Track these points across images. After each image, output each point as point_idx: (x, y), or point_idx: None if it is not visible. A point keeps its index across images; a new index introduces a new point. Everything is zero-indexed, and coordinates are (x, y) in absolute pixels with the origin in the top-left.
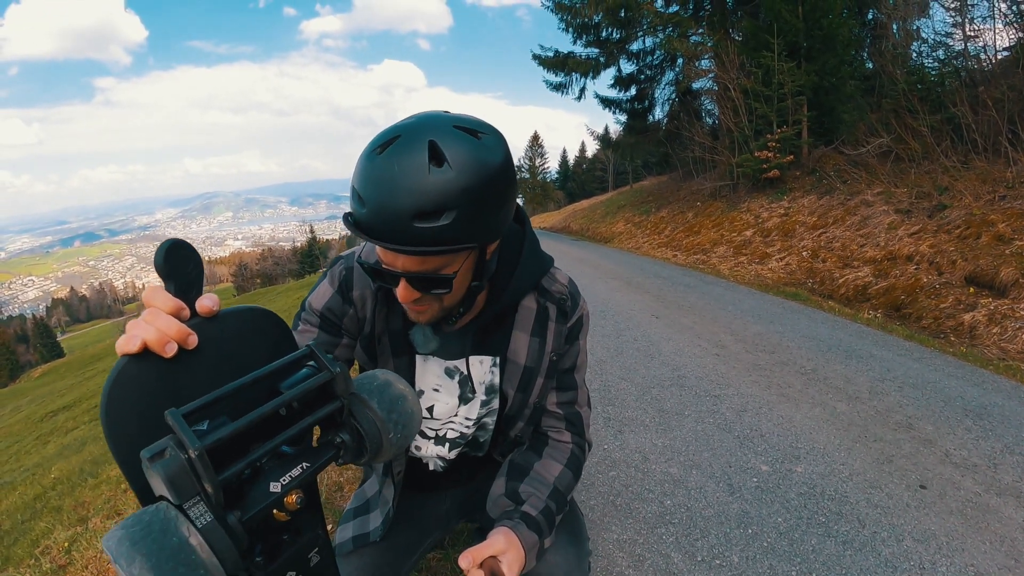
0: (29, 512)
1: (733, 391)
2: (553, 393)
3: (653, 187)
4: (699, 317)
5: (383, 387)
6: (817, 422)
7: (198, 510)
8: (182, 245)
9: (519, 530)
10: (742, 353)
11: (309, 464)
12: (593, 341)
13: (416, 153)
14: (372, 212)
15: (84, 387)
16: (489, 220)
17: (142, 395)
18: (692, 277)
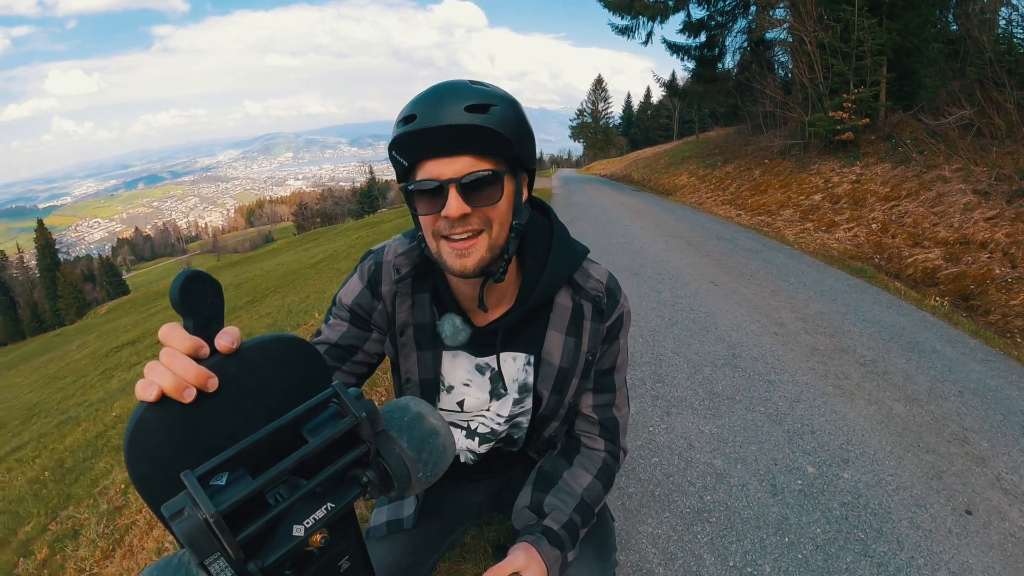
0: (91, 450)
1: (788, 378)
2: (589, 395)
3: (720, 139)
4: (759, 288)
5: (414, 422)
6: (871, 423)
7: (218, 566)
8: (199, 277)
9: (540, 545)
10: (801, 334)
11: (334, 505)
12: (648, 308)
13: (456, 82)
14: (423, 118)
15: (148, 323)
16: (524, 136)
17: (163, 442)
18: (755, 241)
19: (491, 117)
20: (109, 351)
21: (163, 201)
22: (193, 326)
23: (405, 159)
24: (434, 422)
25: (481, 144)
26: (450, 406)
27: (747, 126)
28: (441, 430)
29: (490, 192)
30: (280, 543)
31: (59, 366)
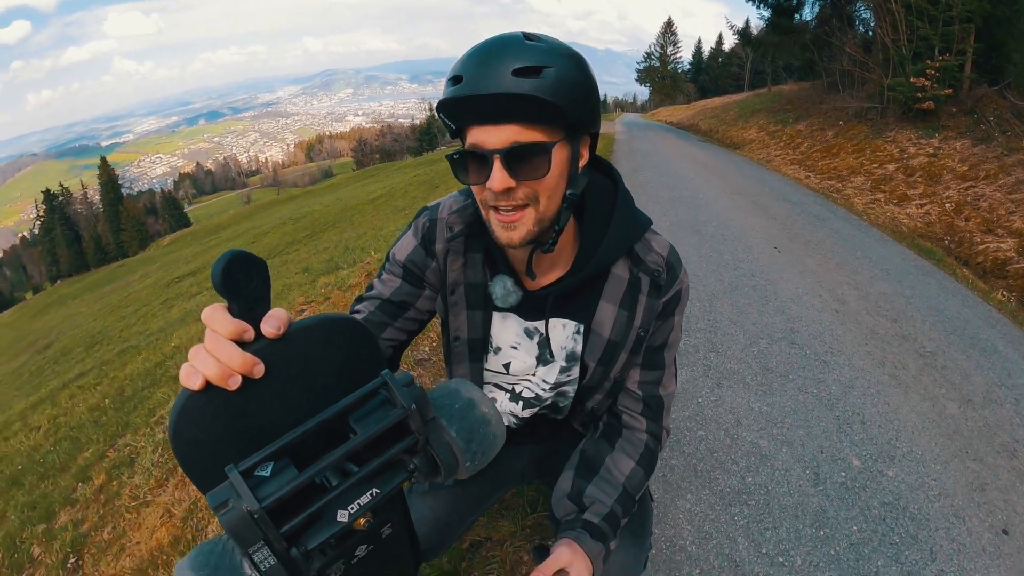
0: (149, 379)
1: (844, 360)
2: (637, 371)
3: (793, 94)
4: (824, 259)
5: (465, 410)
6: (923, 420)
7: (262, 554)
8: (243, 258)
9: (583, 541)
10: (863, 314)
11: (379, 491)
12: (708, 270)
13: (510, 35)
14: (469, 81)
15: (208, 254)
16: (583, 99)
17: (208, 428)
18: (823, 207)
19: (542, 82)
20: (170, 281)
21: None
22: (238, 309)
23: (452, 122)
24: (485, 410)
25: (529, 112)
26: (496, 367)
27: (822, 83)
28: (492, 419)
29: (537, 164)
30: (324, 528)
31: (121, 296)
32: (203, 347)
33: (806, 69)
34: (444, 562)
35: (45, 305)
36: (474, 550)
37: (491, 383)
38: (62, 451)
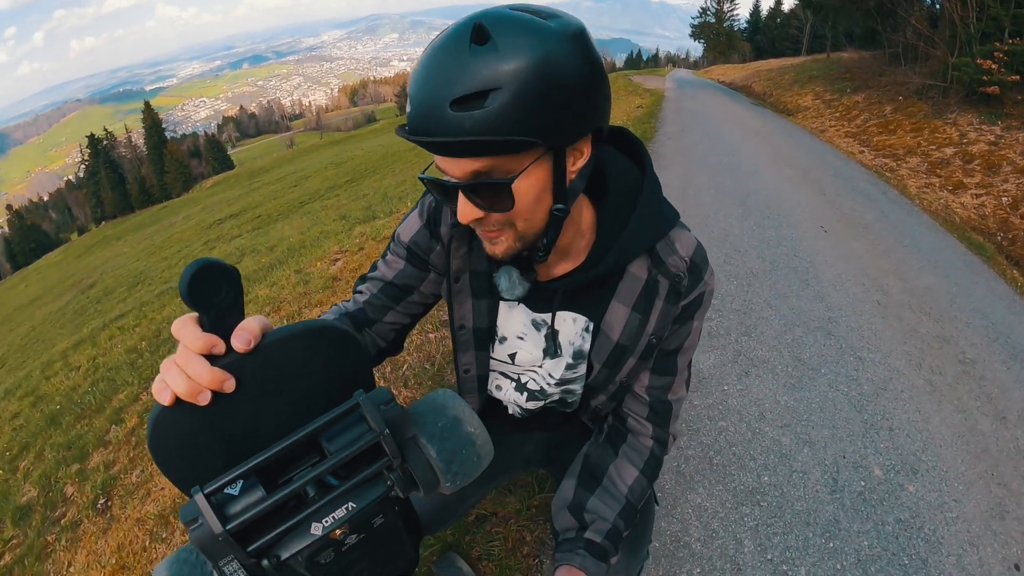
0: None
1: (880, 359)
2: (646, 374)
3: (852, 63)
4: (871, 244)
5: (448, 429)
6: (953, 434)
7: (231, 567)
8: (209, 268)
9: (586, 565)
10: (904, 309)
11: (355, 505)
12: (748, 246)
13: (459, 36)
14: (414, 109)
15: (250, 197)
16: (557, 112)
17: (183, 440)
18: (875, 187)
19: (486, 115)
20: (212, 223)
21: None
22: (208, 321)
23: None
24: (471, 430)
25: (478, 148)
26: (502, 357)
27: (884, 54)
28: (478, 439)
29: (501, 198)
30: (298, 540)
31: (164, 237)
32: (174, 361)
33: (868, 38)
34: (448, 534)
35: (90, 246)
36: (479, 524)
37: (497, 371)
38: (99, 392)
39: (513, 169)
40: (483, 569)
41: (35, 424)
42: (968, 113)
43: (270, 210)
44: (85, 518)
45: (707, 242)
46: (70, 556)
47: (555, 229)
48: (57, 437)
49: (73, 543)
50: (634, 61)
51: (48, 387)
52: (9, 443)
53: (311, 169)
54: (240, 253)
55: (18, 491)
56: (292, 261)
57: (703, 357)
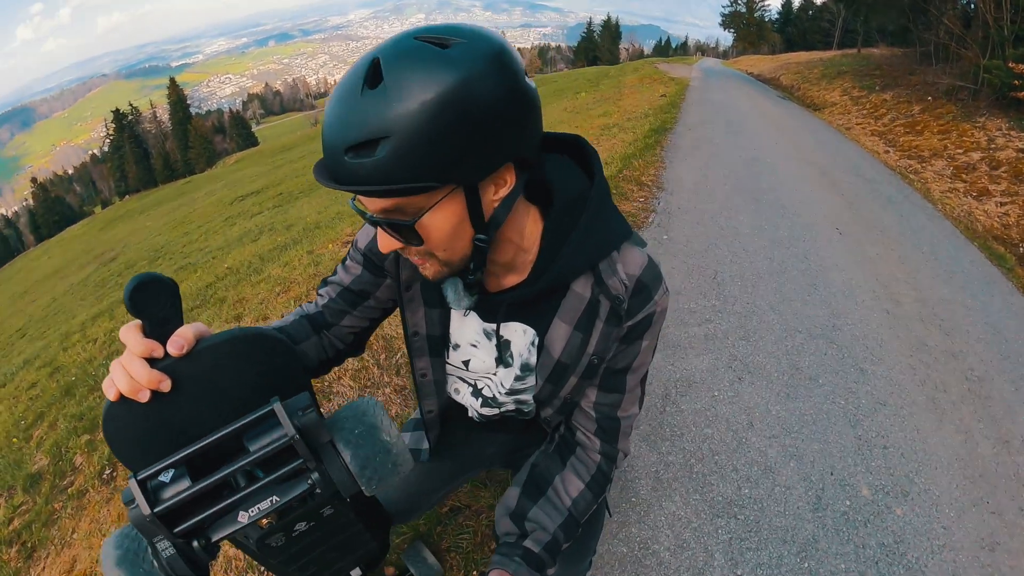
0: (199, 299)
1: (883, 372)
2: (594, 391)
3: (883, 59)
4: (887, 250)
5: (364, 437)
6: (951, 456)
7: (163, 544)
8: (150, 281)
9: (519, 572)
10: (915, 321)
11: (279, 499)
12: (758, 246)
13: (355, 77)
14: (324, 153)
15: (273, 175)
16: (456, 153)
17: (130, 431)
18: (897, 189)
19: (376, 163)
20: (234, 199)
21: (293, 58)
22: (149, 328)
23: None
24: (387, 438)
25: (368, 185)
26: (456, 363)
27: (915, 52)
28: (393, 447)
29: (407, 236)
30: (226, 525)
31: (186, 212)
32: (120, 362)
33: (900, 35)
34: (420, 523)
35: (113, 219)
36: (451, 516)
37: (454, 375)
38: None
39: (422, 206)
40: (450, 560)
41: (51, 394)
42: (998, 117)
43: (292, 188)
44: (91, 487)
45: (714, 240)
46: (74, 523)
47: (479, 257)
48: (71, 408)
49: (78, 511)
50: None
51: (65, 358)
52: (25, 411)
53: None
54: (259, 231)
55: (30, 459)
56: (306, 241)
57: (696, 360)
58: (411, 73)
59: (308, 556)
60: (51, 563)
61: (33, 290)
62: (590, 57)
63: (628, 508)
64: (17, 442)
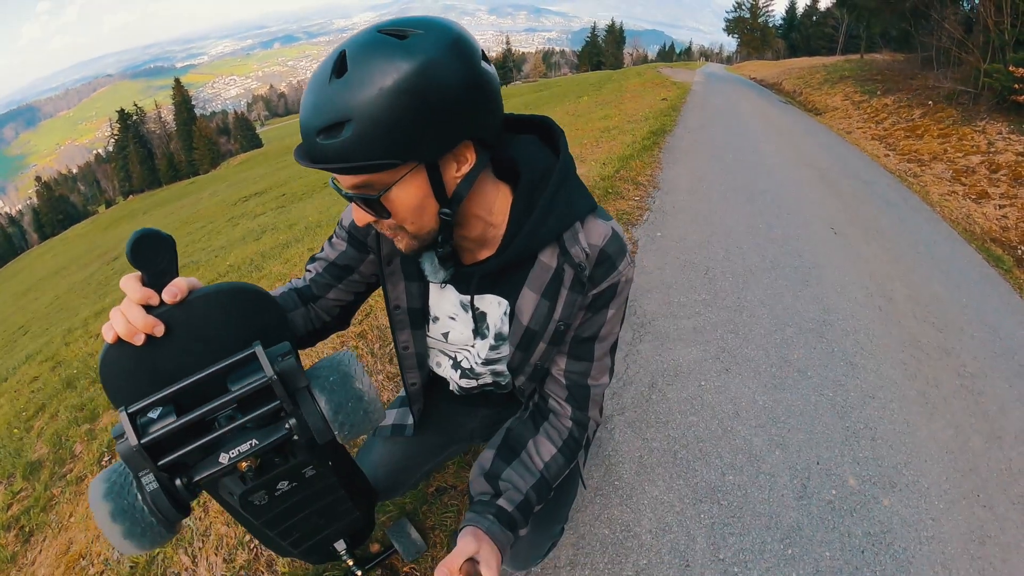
0: None
1: (873, 366)
2: (563, 359)
3: (884, 64)
4: (881, 249)
5: (338, 384)
6: (940, 450)
7: (148, 479)
8: (151, 235)
9: (492, 530)
10: (908, 317)
11: (258, 442)
12: (752, 243)
13: (325, 68)
14: (301, 134)
15: (277, 176)
16: (413, 133)
17: (125, 372)
18: (895, 191)
19: (342, 144)
20: (237, 200)
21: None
22: (147, 279)
23: None
24: (358, 386)
25: (336, 163)
26: (436, 335)
27: (916, 57)
28: (366, 395)
29: (375, 210)
30: (207, 466)
31: (190, 212)
32: (118, 308)
33: (902, 40)
34: (406, 501)
35: (116, 219)
36: (437, 496)
37: (436, 349)
38: None
39: (388, 182)
40: (434, 538)
41: (52, 387)
42: (998, 121)
43: (295, 189)
44: (90, 473)
45: (708, 237)
46: (72, 508)
47: (447, 230)
48: (71, 399)
49: (76, 496)
50: (666, 53)
51: (67, 353)
52: (26, 404)
53: None
54: (261, 230)
55: (31, 448)
56: (307, 239)
57: (684, 352)
58: (371, 63)
59: (292, 519)
60: (48, 546)
61: (36, 288)
62: (594, 62)
63: (611, 491)
64: (18, 432)
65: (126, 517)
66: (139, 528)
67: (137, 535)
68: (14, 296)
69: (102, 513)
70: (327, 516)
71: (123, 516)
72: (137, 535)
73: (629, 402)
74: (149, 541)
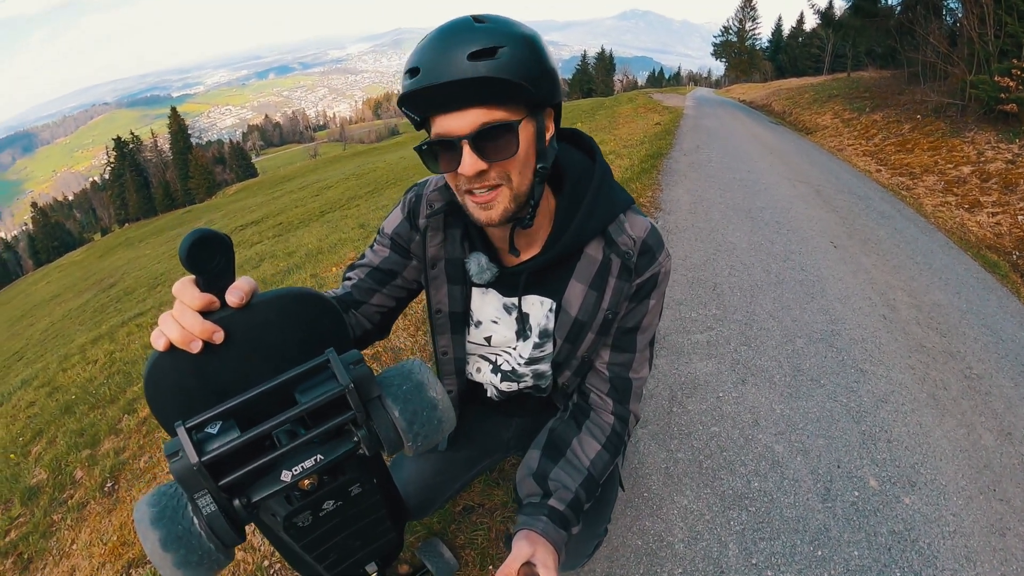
0: None
1: (883, 372)
2: (607, 351)
3: (872, 82)
4: (881, 260)
5: (413, 392)
6: (954, 448)
7: (205, 500)
8: (207, 238)
9: (547, 532)
10: (911, 324)
11: (323, 457)
12: (755, 259)
13: (459, 20)
14: (426, 72)
15: (272, 205)
16: (541, 74)
17: (175, 384)
18: (889, 204)
19: (498, 62)
20: (234, 229)
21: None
22: (204, 283)
23: (416, 114)
24: (434, 395)
25: (490, 94)
26: (478, 340)
27: (903, 73)
28: (440, 403)
29: (506, 143)
30: (268, 485)
31: None
32: (171, 314)
33: (888, 56)
34: (434, 521)
35: (112, 246)
36: (465, 514)
37: (475, 354)
38: (114, 384)
39: (514, 118)
40: (465, 557)
41: (49, 412)
42: (986, 131)
43: (292, 218)
44: (92, 499)
45: (712, 255)
46: (74, 534)
47: (540, 187)
48: (70, 424)
49: (78, 522)
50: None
51: (64, 378)
52: (23, 429)
53: (333, 179)
54: (259, 258)
55: (28, 473)
56: (309, 266)
57: (700, 364)
58: (504, 20)
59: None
60: (48, 573)
61: (31, 314)
62: (585, 89)
63: (640, 502)
64: (15, 457)
65: (180, 544)
66: (195, 556)
67: (193, 564)
68: (9, 322)
69: (152, 541)
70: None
71: (177, 543)
72: (193, 564)
73: (651, 415)
74: (206, 569)
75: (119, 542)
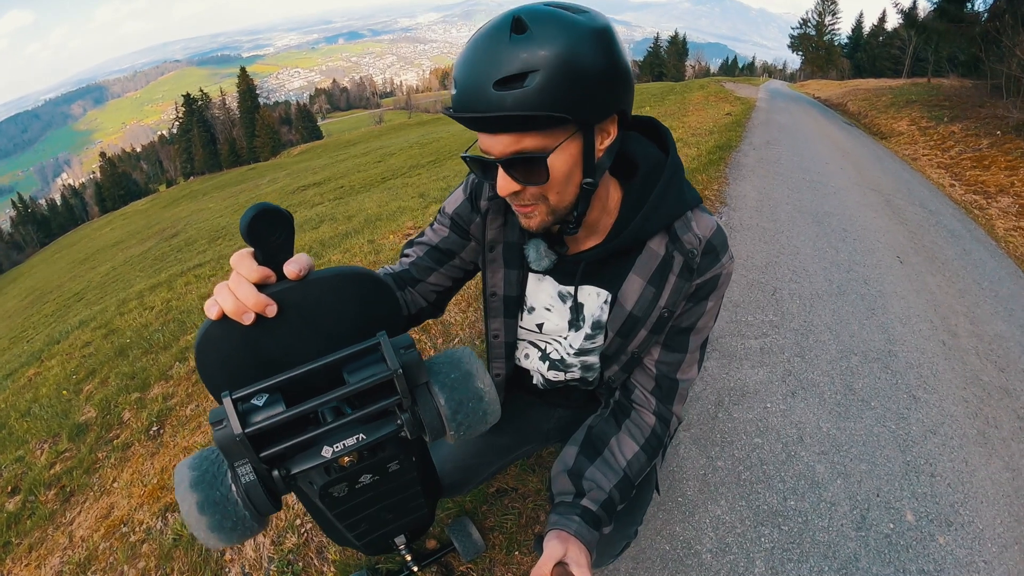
0: None
1: (936, 401)
2: (657, 349)
3: (952, 91)
4: (947, 282)
5: (460, 382)
6: (997, 491)
7: (244, 469)
8: (267, 212)
9: (580, 532)
10: (970, 354)
11: (365, 436)
12: (819, 267)
13: (500, 27)
14: (460, 90)
15: (336, 168)
16: (586, 93)
17: (226, 354)
18: (960, 222)
19: (525, 92)
20: (296, 188)
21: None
22: (262, 256)
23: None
24: (480, 386)
25: (519, 123)
26: (530, 326)
27: (986, 84)
28: (486, 395)
29: (537, 172)
30: (308, 459)
31: (249, 196)
32: (226, 284)
33: (971, 65)
34: (467, 500)
35: (177, 198)
36: (498, 497)
37: (526, 340)
38: (168, 332)
39: (548, 145)
40: (493, 540)
41: (104, 353)
42: None
43: (353, 182)
44: (136, 441)
45: (775, 257)
46: (116, 473)
47: (584, 202)
48: (123, 367)
49: (121, 462)
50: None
51: (121, 322)
52: (77, 367)
53: (396, 147)
54: (319, 219)
55: (78, 411)
56: (367, 231)
57: (751, 372)
58: (551, 26)
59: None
60: (88, 507)
61: (94, 258)
62: (656, 72)
63: (674, 507)
64: (67, 394)
65: (216, 509)
66: (229, 521)
67: (227, 528)
68: (72, 264)
69: (188, 503)
70: (397, 511)
71: (213, 507)
72: (227, 528)
73: (695, 419)
74: (238, 535)
75: (159, 486)
